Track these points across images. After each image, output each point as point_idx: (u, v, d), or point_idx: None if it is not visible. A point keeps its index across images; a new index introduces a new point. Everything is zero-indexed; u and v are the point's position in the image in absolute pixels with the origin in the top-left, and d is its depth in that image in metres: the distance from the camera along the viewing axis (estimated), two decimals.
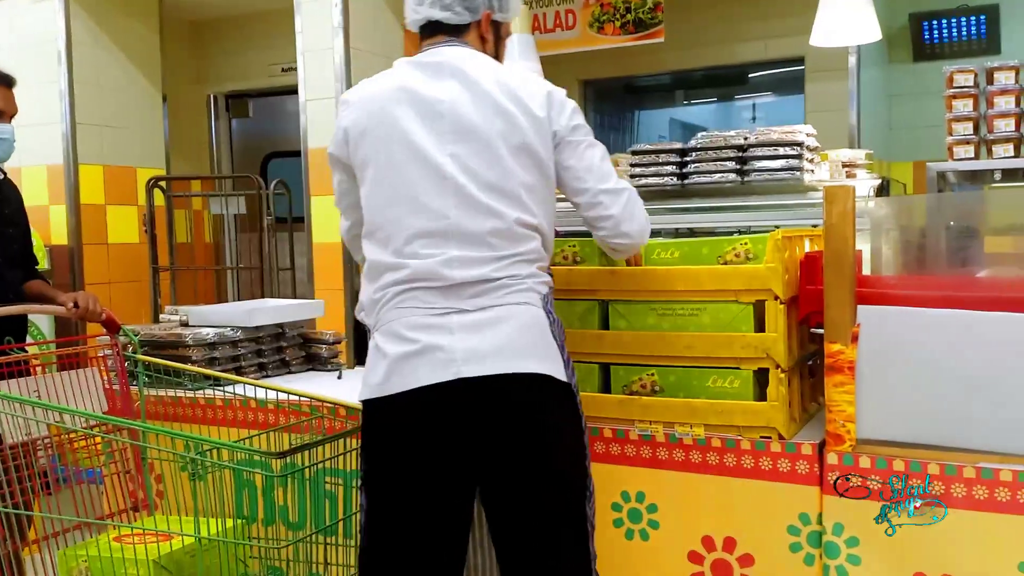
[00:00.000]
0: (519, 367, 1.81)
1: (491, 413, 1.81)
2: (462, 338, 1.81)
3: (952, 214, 2.68)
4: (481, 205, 1.85)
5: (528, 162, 1.89)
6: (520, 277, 1.87)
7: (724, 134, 4.14)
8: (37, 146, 4.83)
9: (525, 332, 1.84)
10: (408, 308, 1.85)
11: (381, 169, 1.91)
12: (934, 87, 5.24)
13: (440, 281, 1.84)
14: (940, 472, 1.90)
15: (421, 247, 1.86)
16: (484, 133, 1.87)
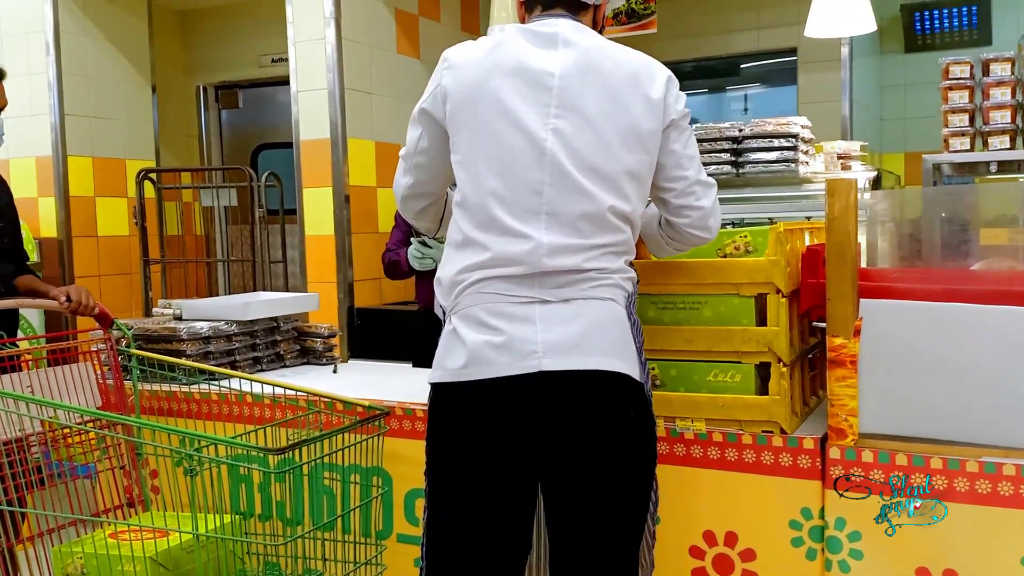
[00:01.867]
0: (600, 364, 1.77)
1: (569, 408, 1.78)
2: (544, 329, 1.77)
3: (950, 206, 2.68)
4: (577, 185, 1.79)
5: (636, 147, 1.83)
6: (608, 271, 1.82)
7: (718, 125, 4.14)
8: (25, 137, 4.79)
9: (608, 329, 1.80)
10: (490, 294, 1.80)
11: (478, 137, 1.83)
12: (926, 78, 5.25)
13: (524, 268, 1.78)
14: (943, 466, 1.90)
15: (510, 223, 1.79)
16: (592, 112, 1.81)
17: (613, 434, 1.80)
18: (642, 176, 1.86)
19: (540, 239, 1.78)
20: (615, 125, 1.81)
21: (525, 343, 1.76)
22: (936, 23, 5.46)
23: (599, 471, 1.81)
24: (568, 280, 1.79)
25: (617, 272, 1.84)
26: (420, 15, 4.99)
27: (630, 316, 1.87)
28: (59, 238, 4.87)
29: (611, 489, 1.82)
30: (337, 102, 4.28)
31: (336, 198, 4.31)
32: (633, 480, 1.85)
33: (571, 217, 1.79)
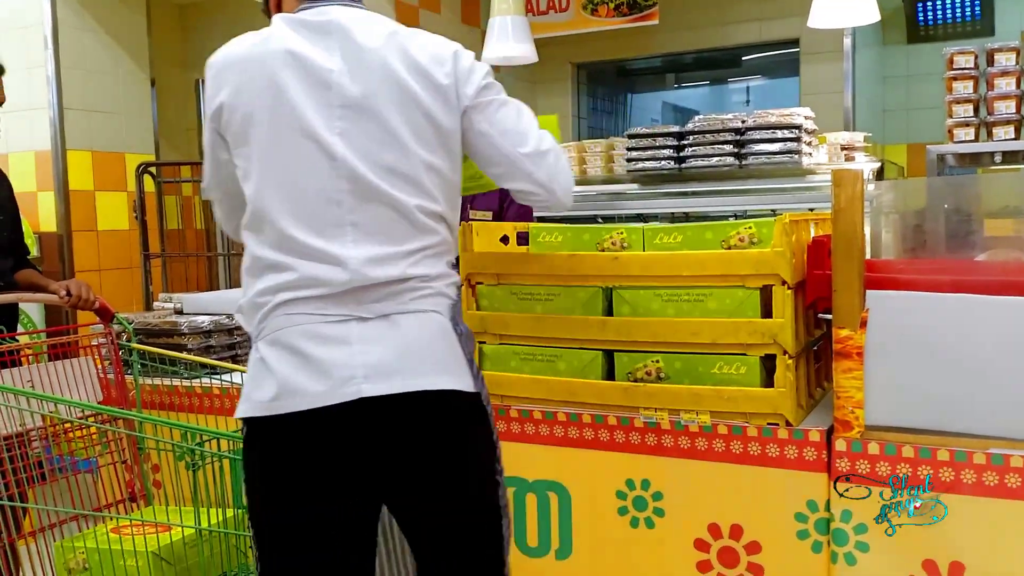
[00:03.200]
0: (425, 384, 1.63)
1: (396, 435, 1.64)
2: (363, 351, 1.61)
3: (955, 197, 2.67)
4: (376, 190, 1.64)
5: (431, 138, 1.69)
6: (429, 278, 1.69)
7: (721, 117, 4.12)
8: (24, 132, 4.76)
9: (432, 344, 1.66)
10: (300, 315, 1.63)
11: (260, 147, 1.65)
12: (929, 69, 5.24)
13: (336, 286, 1.62)
14: (950, 458, 1.88)
15: (312, 240, 1.63)
16: (377, 107, 1.65)
17: (449, 455, 1.69)
18: (444, 170, 1.72)
19: (348, 253, 1.62)
20: (407, 120, 1.67)
21: (342, 368, 1.60)
22: (939, 13, 5.45)
23: (440, 496, 1.70)
24: (387, 293, 1.65)
25: (439, 278, 1.71)
26: (420, 7, 4.97)
27: (456, 326, 1.73)
28: (59, 232, 4.85)
29: (458, 511, 1.72)
30: None
31: None
32: (478, 495, 1.75)
33: (378, 224, 1.65)
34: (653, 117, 8.11)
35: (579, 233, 2.29)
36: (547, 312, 2.27)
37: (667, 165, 4.18)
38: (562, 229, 2.31)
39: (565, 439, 2.26)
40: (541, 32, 5.33)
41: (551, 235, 2.33)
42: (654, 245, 2.21)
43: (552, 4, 5.57)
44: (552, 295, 2.27)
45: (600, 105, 7.02)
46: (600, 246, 2.25)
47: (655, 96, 8.18)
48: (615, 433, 2.20)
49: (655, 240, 2.21)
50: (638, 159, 4.26)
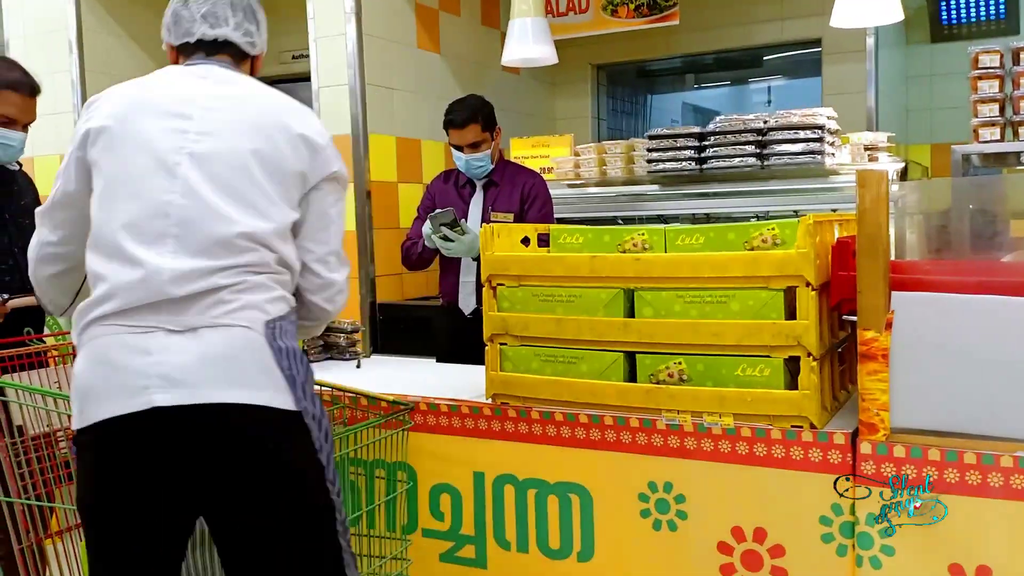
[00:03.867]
0: (221, 396, 1.64)
1: (192, 447, 1.65)
2: (158, 361, 1.63)
3: (980, 197, 2.64)
4: (209, 206, 1.71)
5: (280, 183, 1.79)
6: (243, 289, 1.71)
7: (743, 117, 4.10)
8: (49, 136, 4.81)
9: (235, 357, 1.67)
10: (109, 326, 1.68)
11: (114, 171, 1.76)
12: (952, 68, 5.19)
13: (143, 295, 1.66)
14: (977, 461, 1.86)
15: (132, 249, 1.69)
16: (237, 145, 1.77)
17: (249, 472, 1.68)
18: (281, 213, 1.79)
19: (160, 264, 1.67)
20: (262, 161, 1.77)
21: (138, 377, 1.63)
22: (963, 12, 5.39)
23: (244, 513, 1.70)
24: (197, 307, 1.67)
25: (256, 291, 1.73)
26: (440, 10, 4.98)
27: (273, 341, 1.71)
28: None
29: (264, 531, 1.72)
30: (358, 98, 4.28)
31: (357, 194, 4.31)
32: (289, 516, 1.73)
33: (202, 239, 1.70)
34: (673, 118, 8.08)
35: (600, 234, 2.29)
36: (568, 314, 2.27)
37: (688, 166, 4.17)
38: (583, 230, 2.31)
39: (587, 441, 2.26)
40: (561, 34, 5.33)
41: (572, 237, 2.32)
42: (676, 246, 2.20)
43: (572, 5, 5.57)
44: (573, 297, 2.27)
45: (620, 106, 7.00)
46: (621, 247, 2.25)
47: (675, 97, 8.15)
48: (637, 435, 2.20)
49: (677, 241, 2.20)
50: (659, 160, 4.25)
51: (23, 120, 2.80)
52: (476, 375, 2.53)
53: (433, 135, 4.61)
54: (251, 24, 1.99)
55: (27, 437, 2.25)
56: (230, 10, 1.96)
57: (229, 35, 1.95)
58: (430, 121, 4.55)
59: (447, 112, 3.60)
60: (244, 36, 1.97)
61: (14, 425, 2.24)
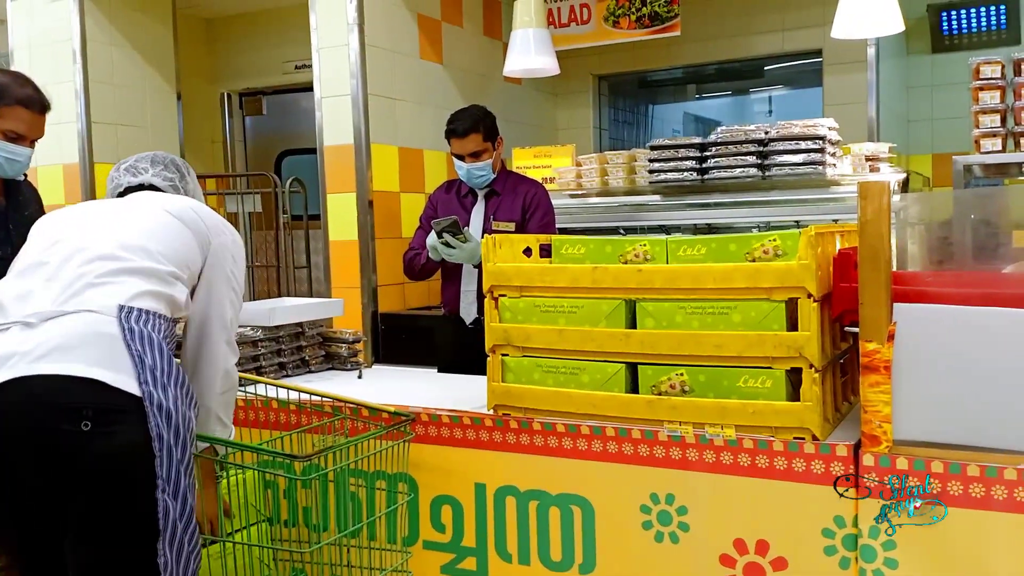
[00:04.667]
0: (51, 369, 1.74)
1: (26, 416, 1.74)
2: (6, 342, 1.80)
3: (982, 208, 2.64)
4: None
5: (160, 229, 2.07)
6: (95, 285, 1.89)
7: (744, 128, 4.11)
8: (53, 146, 4.82)
9: (79, 337, 1.79)
10: None
11: None
12: (953, 79, 5.19)
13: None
14: (980, 474, 1.86)
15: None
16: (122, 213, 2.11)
17: (63, 448, 1.74)
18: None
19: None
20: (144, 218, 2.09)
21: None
22: (964, 23, 5.40)
23: (49, 492, 1.78)
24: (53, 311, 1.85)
25: (107, 284, 1.91)
26: (443, 20, 4.99)
27: (124, 325, 1.83)
28: None
29: (72, 520, 1.78)
30: (361, 108, 4.29)
31: (360, 203, 4.31)
32: (97, 502, 1.77)
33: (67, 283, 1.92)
34: (675, 128, 8.09)
35: (602, 245, 2.29)
36: (570, 325, 2.27)
37: (689, 176, 4.17)
38: (585, 241, 2.31)
39: (588, 452, 2.25)
40: (563, 44, 5.34)
41: (574, 247, 2.32)
42: (677, 257, 2.20)
43: (574, 16, 5.58)
44: (575, 308, 2.26)
45: (622, 116, 7.01)
46: (623, 258, 2.25)
47: (677, 107, 8.15)
48: (639, 447, 2.19)
49: (679, 252, 2.20)
50: (660, 170, 4.26)
51: (31, 136, 2.81)
52: (478, 386, 2.52)
53: (435, 145, 4.62)
54: (172, 173, 2.32)
55: None
56: (149, 163, 2.31)
57: (150, 180, 2.29)
58: (432, 131, 4.55)
59: (449, 122, 3.61)
60: (165, 181, 2.30)
61: None
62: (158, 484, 1.77)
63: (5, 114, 2.73)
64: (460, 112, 3.64)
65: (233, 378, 2.17)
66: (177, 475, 1.80)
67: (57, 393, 1.74)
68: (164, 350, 1.85)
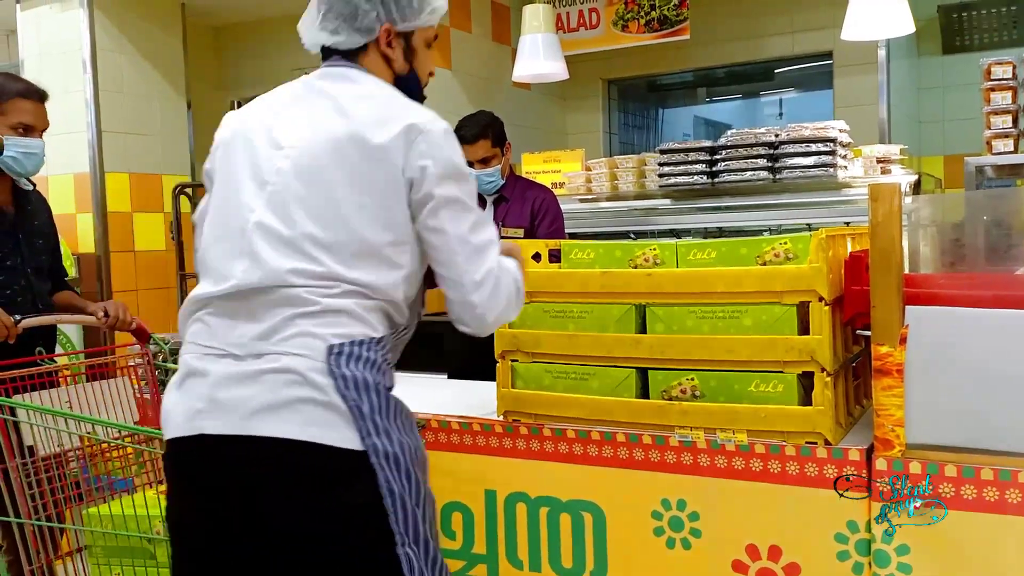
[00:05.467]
0: (267, 430, 1.54)
1: (235, 479, 1.57)
2: (212, 386, 1.60)
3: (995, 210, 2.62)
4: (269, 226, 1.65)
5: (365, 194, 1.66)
6: (301, 314, 1.60)
7: (755, 131, 4.09)
8: (63, 155, 4.84)
9: (285, 389, 1.56)
10: (188, 343, 1.69)
11: (214, 195, 1.77)
12: (964, 79, 5.16)
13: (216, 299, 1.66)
14: (994, 477, 1.84)
15: (216, 263, 1.70)
16: (322, 177, 1.66)
17: (286, 513, 1.56)
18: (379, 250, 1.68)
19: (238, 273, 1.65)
20: (342, 179, 1.66)
21: (195, 401, 1.62)
22: (974, 24, 5.38)
23: (278, 558, 1.58)
24: (259, 332, 1.61)
25: (314, 317, 1.61)
26: (451, 26, 4.99)
27: (336, 369, 1.58)
28: (97, 254, 4.92)
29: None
30: None
31: None
32: (338, 562, 1.58)
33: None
34: (685, 132, 8.08)
35: (611, 250, 2.28)
36: (580, 330, 2.26)
37: (700, 180, 4.16)
38: (594, 246, 2.30)
39: (599, 458, 2.24)
40: (572, 49, 5.34)
41: (583, 252, 2.31)
42: (688, 261, 2.19)
43: (583, 21, 5.58)
44: (585, 313, 2.26)
45: (631, 120, 7.01)
46: (633, 263, 2.24)
47: (687, 111, 8.15)
48: (650, 452, 2.18)
49: (689, 256, 2.19)
50: (670, 174, 4.25)
51: (39, 126, 2.83)
52: (487, 392, 2.52)
53: None
54: (336, 20, 1.79)
55: (38, 457, 2.25)
56: (315, 11, 1.82)
57: (320, 40, 1.83)
58: None
59: (457, 128, 3.61)
60: (332, 35, 1.80)
61: (25, 445, 2.24)
62: (396, 540, 1.59)
63: (8, 109, 2.75)
64: (468, 118, 3.64)
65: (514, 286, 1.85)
66: (415, 521, 1.61)
67: (272, 459, 1.56)
68: (381, 386, 1.64)
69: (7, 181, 2.84)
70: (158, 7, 5.32)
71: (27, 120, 2.77)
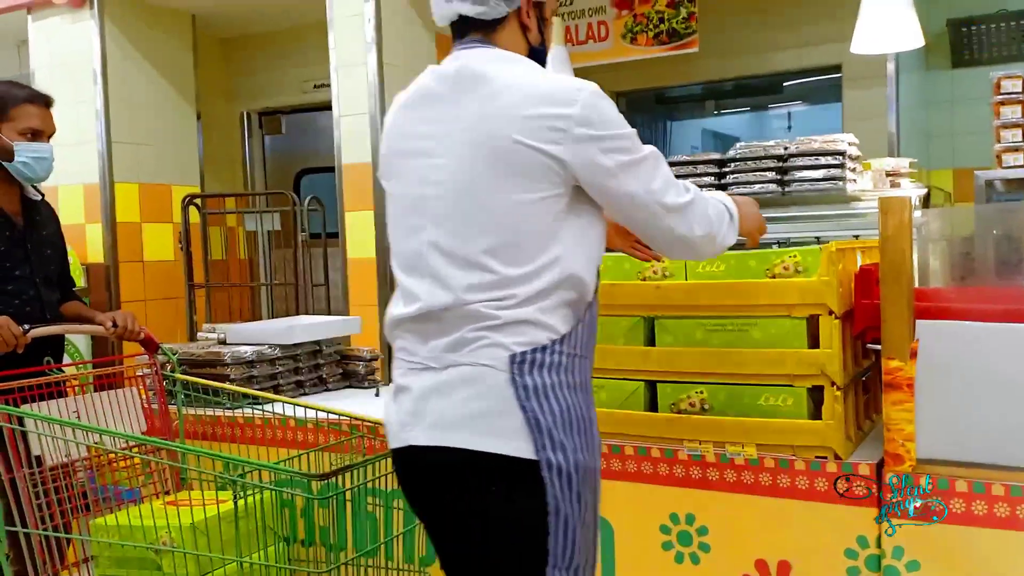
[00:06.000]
0: (455, 441, 1.58)
1: (431, 489, 1.67)
2: (414, 399, 1.66)
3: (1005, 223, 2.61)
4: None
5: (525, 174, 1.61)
6: (484, 328, 1.60)
7: (763, 144, 4.08)
8: (73, 165, 4.86)
9: (474, 401, 1.59)
10: (397, 359, 1.74)
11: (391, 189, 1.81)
12: (973, 93, 5.15)
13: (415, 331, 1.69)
14: (1005, 493, 1.83)
15: (401, 278, 1.72)
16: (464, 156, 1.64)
17: (468, 524, 1.63)
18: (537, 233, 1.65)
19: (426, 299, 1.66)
20: (493, 162, 1.62)
21: (402, 414, 1.69)
22: (983, 38, 5.36)
23: (460, 564, 1.69)
24: (449, 343, 1.64)
25: (496, 329, 1.61)
26: None
27: (516, 381, 1.58)
28: (106, 264, 4.92)
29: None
30: (379, 126, 4.29)
31: (378, 221, 4.31)
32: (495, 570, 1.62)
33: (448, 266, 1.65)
34: (693, 144, 8.08)
35: (620, 262, 2.27)
36: None
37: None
38: (603, 258, 2.29)
39: (608, 471, 2.23)
40: (581, 62, 5.34)
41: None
42: (697, 274, 2.18)
43: (591, 34, 5.58)
44: None
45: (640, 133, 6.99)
46: (642, 275, 2.23)
47: (695, 123, 8.14)
48: (659, 466, 2.17)
49: (698, 269, 2.18)
50: None
51: (47, 131, 2.84)
52: None
53: None
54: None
55: (45, 467, 2.25)
56: None
57: (458, 8, 1.71)
58: None
59: None
60: (476, 4, 1.69)
61: (32, 455, 2.24)
62: (549, 560, 1.57)
63: (16, 115, 2.76)
64: None
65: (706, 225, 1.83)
66: (573, 546, 1.59)
67: (456, 468, 1.60)
68: (564, 387, 1.63)
69: (16, 191, 2.85)
70: (169, 19, 5.34)
71: (35, 125, 2.79)
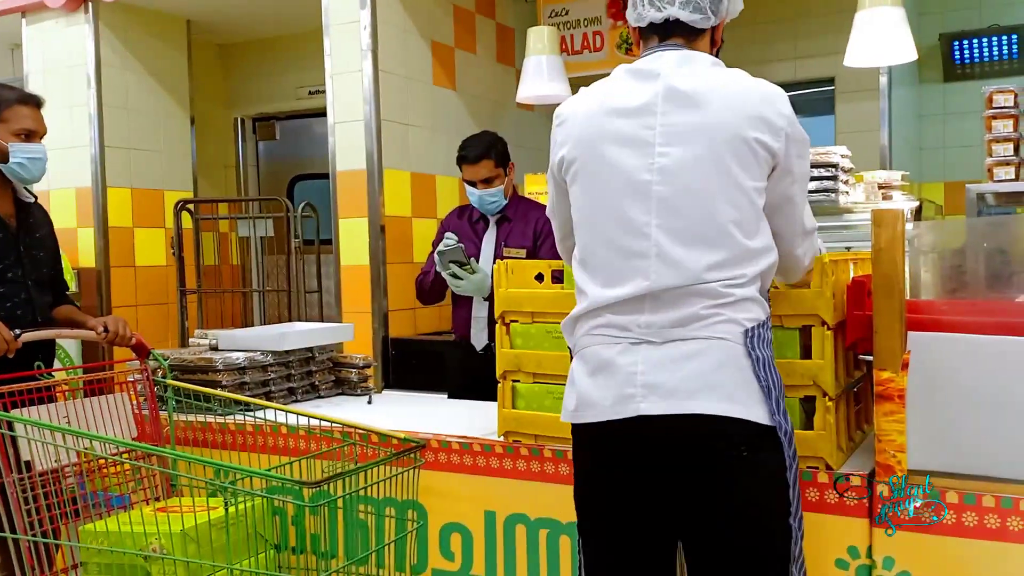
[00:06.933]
0: (702, 407, 1.69)
1: (672, 459, 1.74)
2: (644, 371, 1.74)
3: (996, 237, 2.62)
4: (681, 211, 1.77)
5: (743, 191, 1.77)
6: (719, 305, 1.73)
7: None
8: (66, 169, 4.86)
9: (716, 370, 1.71)
10: (598, 335, 1.82)
11: (589, 192, 1.85)
12: (965, 107, 5.19)
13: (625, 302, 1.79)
14: (995, 505, 1.83)
15: (614, 263, 1.81)
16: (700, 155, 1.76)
17: (719, 489, 1.73)
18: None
19: (648, 276, 1.75)
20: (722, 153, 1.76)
21: (624, 385, 1.74)
22: (975, 52, 5.40)
23: (710, 531, 1.76)
24: (676, 318, 1.74)
25: (729, 306, 1.74)
26: (456, 47, 5.01)
27: (751, 353, 1.73)
28: (97, 268, 4.92)
29: (728, 550, 1.75)
30: (373, 133, 4.30)
31: (371, 228, 4.31)
32: (750, 533, 1.75)
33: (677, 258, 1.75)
34: None
35: None
36: None
37: None
38: None
39: None
40: (575, 71, 5.35)
41: None
42: None
43: (587, 44, 5.60)
44: None
45: None
46: None
47: None
48: None
49: None
50: None
51: (40, 132, 2.85)
52: (488, 412, 2.51)
53: (448, 171, 4.63)
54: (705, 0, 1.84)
55: (34, 473, 2.24)
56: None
57: (675, 14, 1.84)
58: (445, 157, 4.56)
59: (460, 148, 3.62)
60: (693, 12, 1.84)
61: (22, 460, 2.23)
62: (791, 510, 1.77)
63: (8, 116, 2.77)
64: (472, 138, 3.65)
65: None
66: (799, 497, 1.79)
67: (705, 433, 1.71)
68: (774, 362, 1.79)
69: (9, 192, 2.85)
70: (164, 24, 5.35)
71: (28, 126, 2.79)
